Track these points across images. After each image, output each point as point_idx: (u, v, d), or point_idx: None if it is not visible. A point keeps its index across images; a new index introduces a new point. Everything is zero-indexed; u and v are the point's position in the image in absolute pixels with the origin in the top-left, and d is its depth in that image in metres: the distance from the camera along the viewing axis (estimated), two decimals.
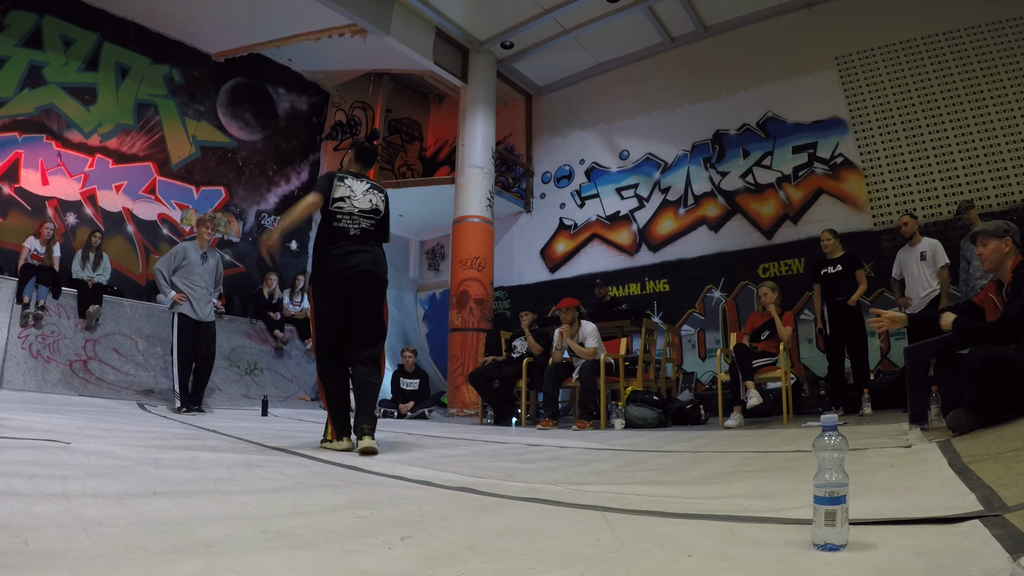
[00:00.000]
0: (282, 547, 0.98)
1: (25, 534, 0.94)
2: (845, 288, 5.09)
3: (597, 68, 8.96)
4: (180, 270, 5.05)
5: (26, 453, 1.87)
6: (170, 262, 5.07)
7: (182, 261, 5.07)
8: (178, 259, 5.08)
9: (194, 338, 5.03)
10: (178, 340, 4.98)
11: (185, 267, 5.06)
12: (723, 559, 0.92)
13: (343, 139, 9.59)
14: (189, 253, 5.12)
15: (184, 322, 4.99)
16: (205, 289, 5.13)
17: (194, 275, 5.07)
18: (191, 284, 5.04)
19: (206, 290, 5.15)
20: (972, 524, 1.02)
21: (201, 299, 5.09)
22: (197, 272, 5.09)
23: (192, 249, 5.16)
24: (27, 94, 6.56)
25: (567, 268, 8.74)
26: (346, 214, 2.76)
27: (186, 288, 5.01)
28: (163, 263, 5.09)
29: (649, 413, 4.89)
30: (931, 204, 6.33)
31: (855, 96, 6.94)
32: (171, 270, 5.03)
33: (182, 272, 5.05)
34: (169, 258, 5.12)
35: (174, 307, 5.01)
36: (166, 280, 5.00)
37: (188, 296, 5.00)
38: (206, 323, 5.12)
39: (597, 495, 1.53)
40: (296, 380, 7.30)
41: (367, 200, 2.82)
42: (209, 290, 5.19)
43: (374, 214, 2.83)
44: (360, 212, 2.79)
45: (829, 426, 1.00)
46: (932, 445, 2.31)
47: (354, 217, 2.77)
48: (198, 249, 5.18)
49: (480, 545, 1.03)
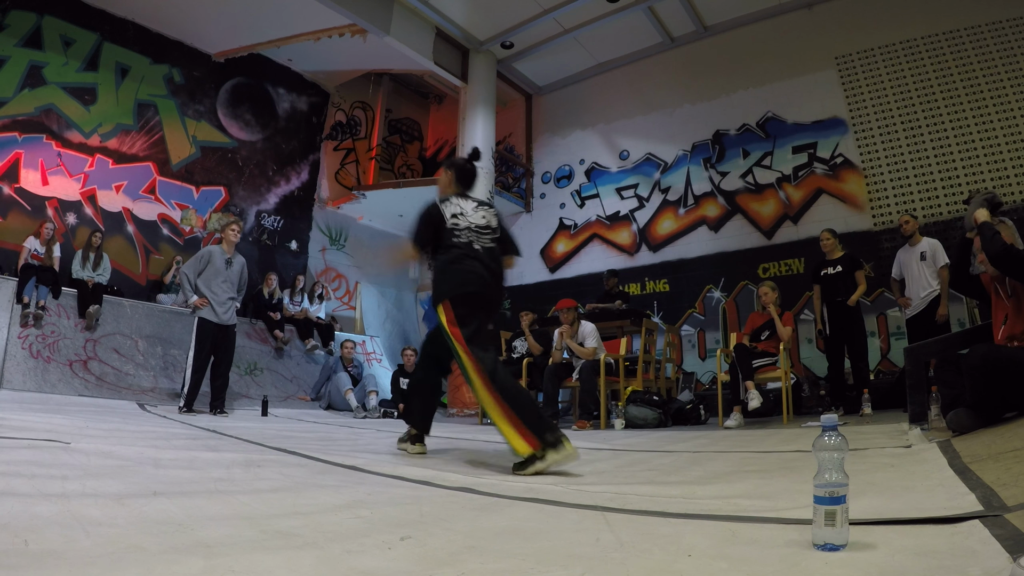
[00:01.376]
0: (282, 547, 0.98)
1: (25, 534, 0.94)
2: (845, 289, 5.09)
3: (597, 68, 8.96)
4: (204, 273, 5.07)
5: (26, 453, 1.87)
6: (196, 265, 5.09)
7: (207, 265, 5.10)
8: (203, 262, 5.10)
9: (214, 342, 5.05)
10: (196, 344, 5.00)
11: (210, 271, 5.08)
12: (723, 559, 0.92)
13: (343, 139, 9.60)
14: (215, 257, 5.14)
15: (204, 326, 5.00)
16: (228, 294, 5.15)
17: (218, 279, 5.09)
18: (215, 288, 5.06)
19: (229, 295, 5.17)
20: (972, 524, 1.02)
21: (224, 303, 5.10)
22: (222, 276, 5.11)
23: (218, 253, 5.18)
24: (27, 94, 6.56)
25: (567, 268, 8.74)
26: (464, 229, 2.59)
27: (208, 292, 5.03)
28: (189, 266, 5.12)
29: (649, 413, 4.89)
30: (931, 204, 6.33)
31: (855, 96, 6.94)
32: (197, 273, 5.06)
33: (206, 276, 5.07)
34: (195, 261, 5.14)
35: (196, 311, 5.03)
36: (191, 284, 5.02)
37: (210, 300, 5.02)
38: (227, 327, 5.13)
39: (597, 495, 1.53)
40: (296, 380, 7.30)
41: (479, 216, 2.65)
42: (232, 295, 5.20)
43: (489, 231, 2.65)
44: (477, 227, 2.62)
45: (829, 426, 1.00)
46: (932, 445, 2.31)
47: (472, 232, 2.60)
48: (224, 253, 5.20)
49: (480, 545, 1.03)
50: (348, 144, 9.65)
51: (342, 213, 9.23)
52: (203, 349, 5.00)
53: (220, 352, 5.11)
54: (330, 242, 9.22)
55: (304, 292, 7.94)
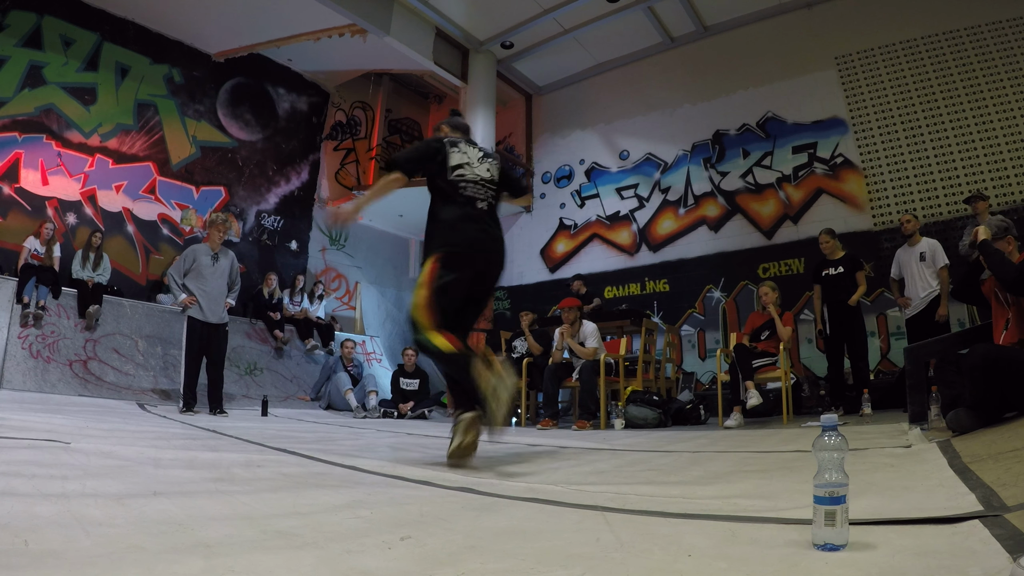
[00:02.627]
0: (282, 547, 0.98)
1: (25, 534, 0.94)
2: (846, 289, 5.09)
3: (597, 68, 8.96)
4: (191, 272, 5.06)
5: (26, 453, 1.86)
6: (180, 266, 5.09)
7: (192, 263, 5.08)
8: (188, 262, 5.09)
9: (205, 341, 5.03)
10: (186, 342, 4.99)
11: (196, 270, 5.07)
12: (723, 559, 0.92)
13: (343, 139, 9.60)
14: (199, 255, 5.13)
15: (193, 325, 4.99)
16: (218, 290, 5.14)
17: (205, 276, 5.07)
18: (203, 286, 5.05)
19: (219, 291, 5.15)
20: (972, 524, 1.02)
21: (213, 301, 5.09)
22: (208, 273, 5.09)
23: (202, 251, 5.17)
24: (27, 94, 6.56)
25: (567, 268, 8.74)
26: (469, 182, 2.42)
27: (197, 290, 5.02)
28: (174, 268, 5.11)
29: (649, 413, 4.89)
30: (931, 204, 6.33)
31: (855, 96, 6.95)
32: (182, 273, 5.05)
33: (193, 274, 5.06)
34: (180, 262, 5.13)
35: (184, 310, 5.02)
36: (177, 284, 5.02)
37: (199, 299, 5.01)
38: (217, 325, 5.12)
39: (597, 495, 1.53)
40: (296, 380, 7.30)
41: (484, 168, 2.48)
42: (222, 291, 5.18)
43: (493, 185, 2.50)
44: (482, 180, 2.45)
45: (829, 426, 1.00)
46: (932, 445, 2.31)
47: (478, 186, 2.43)
48: (209, 251, 5.19)
49: (480, 545, 1.03)
50: (348, 144, 9.65)
51: None
52: (193, 348, 4.97)
53: (211, 351, 5.08)
54: (330, 242, 9.23)
55: (304, 292, 7.94)
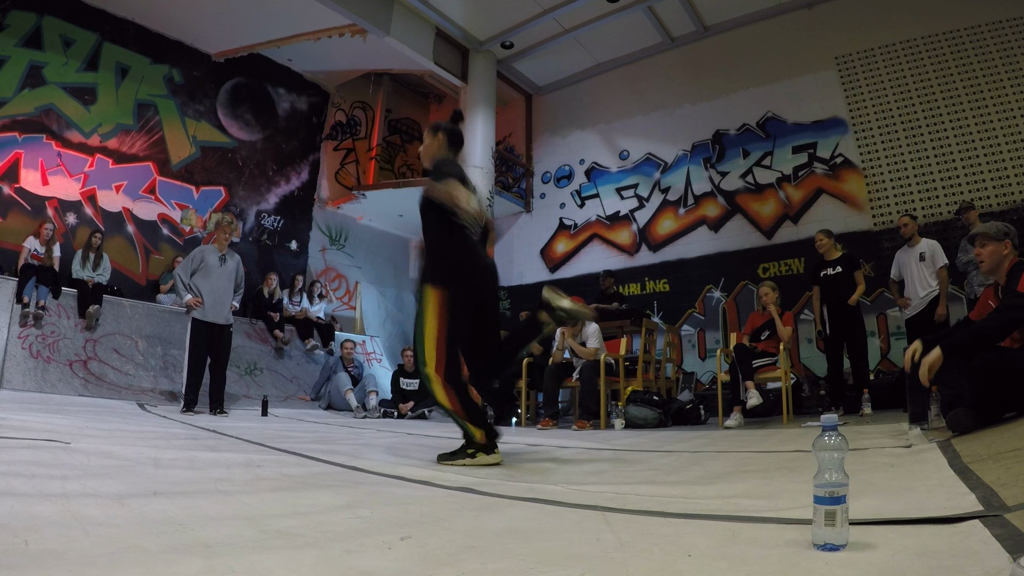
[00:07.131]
0: (282, 547, 0.98)
1: (25, 534, 0.94)
2: (845, 289, 5.09)
3: (597, 68, 8.96)
4: (198, 273, 5.11)
5: (26, 453, 1.87)
6: (188, 266, 5.14)
7: (200, 264, 5.13)
8: (196, 262, 5.14)
9: (209, 342, 5.06)
10: (190, 343, 5.03)
11: (203, 270, 5.11)
12: (723, 559, 0.92)
13: (343, 139, 9.59)
14: (207, 256, 5.18)
15: (198, 326, 5.03)
16: (224, 291, 5.17)
17: (212, 278, 5.11)
18: (209, 287, 5.09)
19: (225, 292, 5.18)
20: (972, 524, 1.02)
21: (218, 302, 5.12)
22: (215, 275, 5.14)
23: (210, 252, 5.22)
24: (27, 94, 6.56)
25: (567, 268, 8.75)
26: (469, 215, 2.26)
27: (204, 291, 5.05)
28: (181, 267, 5.17)
29: (649, 413, 4.89)
30: (931, 204, 6.33)
31: (855, 96, 6.94)
32: (189, 274, 5.09)
33: (200, 275, 5.10)
34: (187, 262, 5.18)
35: (189, 311, 5.04)
36: (184, 284, 5.05)
37: (204, 299, 5.04)
38: (223, 326, 5.14)
39: (597, 495, 1.53)
40: (296, 380, 7.30)
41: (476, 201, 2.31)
42: (228, 292, 5.22)
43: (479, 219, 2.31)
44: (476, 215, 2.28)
45: (829, 426, 1.00)
46: (932, 445, 2.31)
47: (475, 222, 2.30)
48: (216, 252, 5.23)
49: (480, 545, 1.03)
50: (348, 144, 9.64)
51: (342, 213, 9.24)
52: (197, 349, 5.00)
53: (216, 352, 5.11)
54: (330, 242, 9.23)
55: (304, 292, 7.94)
